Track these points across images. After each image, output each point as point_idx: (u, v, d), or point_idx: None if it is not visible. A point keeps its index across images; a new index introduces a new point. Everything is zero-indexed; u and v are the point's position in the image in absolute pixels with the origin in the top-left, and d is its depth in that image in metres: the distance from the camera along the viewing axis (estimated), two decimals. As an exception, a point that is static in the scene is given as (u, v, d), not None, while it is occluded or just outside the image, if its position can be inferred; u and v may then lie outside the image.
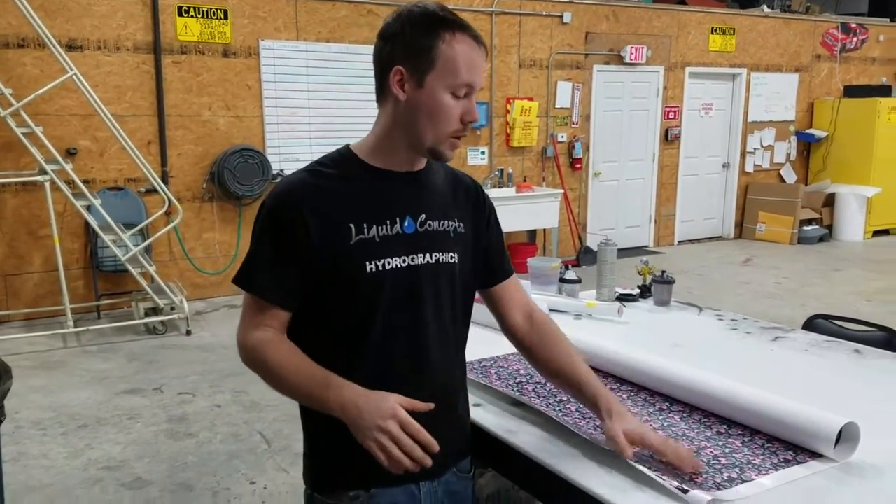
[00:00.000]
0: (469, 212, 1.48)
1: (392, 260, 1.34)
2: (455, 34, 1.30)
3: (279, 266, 1.33)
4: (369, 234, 1.33)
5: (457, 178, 1.52)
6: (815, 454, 1.40)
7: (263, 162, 6.51)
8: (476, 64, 1.32)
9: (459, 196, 1.48)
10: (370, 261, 1.32)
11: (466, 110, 1.32)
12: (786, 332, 2.26)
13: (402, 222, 1.36)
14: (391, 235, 1.34)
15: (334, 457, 1.39)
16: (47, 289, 5.96)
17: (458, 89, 1.30)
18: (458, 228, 1.43)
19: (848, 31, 10.09)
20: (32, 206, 5.85)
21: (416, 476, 1.36)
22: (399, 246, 1.35)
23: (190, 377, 4.67)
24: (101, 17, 5.98)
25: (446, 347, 1.43)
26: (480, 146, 7.86)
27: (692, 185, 9.45)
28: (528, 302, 1.58)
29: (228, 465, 3.51)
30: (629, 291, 2.69)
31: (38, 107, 5.56)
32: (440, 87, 1.30)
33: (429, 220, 1.39)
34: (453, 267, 1.42)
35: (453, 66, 1.29)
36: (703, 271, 7.82)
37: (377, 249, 1.33)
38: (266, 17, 6.58)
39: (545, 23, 8.01)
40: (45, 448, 3.69)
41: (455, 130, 1.33)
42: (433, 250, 1.38)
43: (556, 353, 1.49)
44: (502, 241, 1.59)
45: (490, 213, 1.54)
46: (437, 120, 1.31)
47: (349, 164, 1.38)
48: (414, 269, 1.36)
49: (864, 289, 7.01)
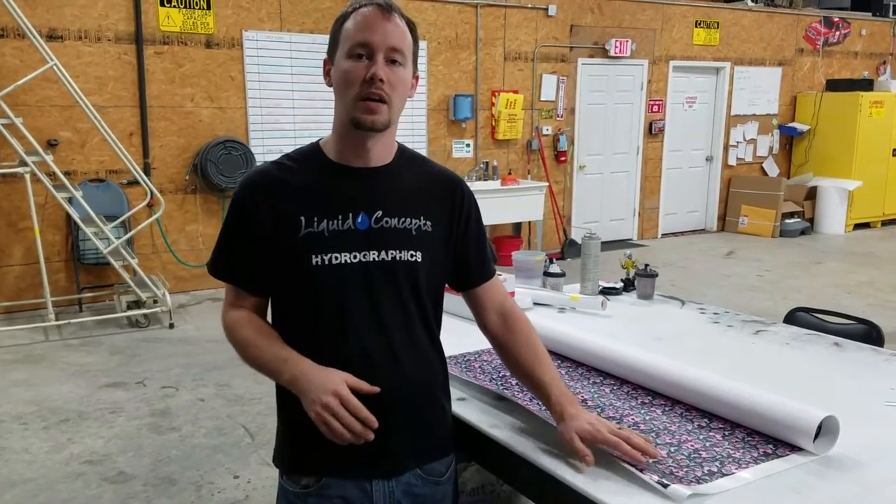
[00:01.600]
0: (443, 211, 1.46)
1: (341, 255, 1.35)
2: (357, 10, 1.35)
3: (236, 252, 1.40)
4: (318, 227, 1.35)
5: (437, 175, 1.50)
6: (796, 448, 1.41)
7: (247, 154, 6.47)
8: (370, 23, 1.32)
9: (433, 194, 1.46)
10: (317, 254, 1.34)
11: (367, 69, 1.31)
12: (767, 326, 2.28)
13: (355, 218, 1.36)
14: (341, 230, 1.35)
15: (295, 442, 1.43)
16: (28, 282, 5.90)
17: (354, 50, 1.32)
18: (422, 227, 1.41)
19: (831, 25, 10.16)
20: (13, 198, 5.78)
21: (369, 473, 1.39)
22: (350, 242, 1.35)
23: (173, 370, 4.65)
24: (82, 7, 5.91)
25: (407, 347, 1.40)
26: (465, 139, 7.85)
27: (676, 178, 9.49)
28: (505, 301, 1.57)
29: (212, 458, 3.50)
30: (613, 285, 2.70)
31: (18, 98, 5.49)
32: (341, 58, 1.35)
33: (385, 217, 1.38)
34: (414, 265, 1.39)
35: (347, 34, 1.34)
36: (686, 264, 7.87)
37: (326, 244, 1.34)
38: (249, 8, 6.53)
39: (530, 15, 8.00)
40: (26, 442, 3.67)
41: (359, 92, 1.31)
42: (389, 247, 1.37)
43: (524, 354, 1.49)
44: (483, 243, 1.56)
45: (469, 213, 1.51)
46: (343, 87, 1.34)
47: (313, 158, 1.42)
48: (365, 265, 1.36)
49: (844, 281, 7.08)
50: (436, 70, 7.53)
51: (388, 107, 1.33)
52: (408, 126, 7.41)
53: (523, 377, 1.51)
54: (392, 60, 1.33)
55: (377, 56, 1.31)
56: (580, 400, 1.65)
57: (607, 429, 1.35)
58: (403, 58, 1.34)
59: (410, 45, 1.37)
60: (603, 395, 1.69)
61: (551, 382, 1.44)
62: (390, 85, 1.32)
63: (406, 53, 1.35)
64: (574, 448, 1.33)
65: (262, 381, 4.40)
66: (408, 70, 1.37)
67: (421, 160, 1.52)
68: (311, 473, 1.41)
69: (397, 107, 1.36)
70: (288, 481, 1.44)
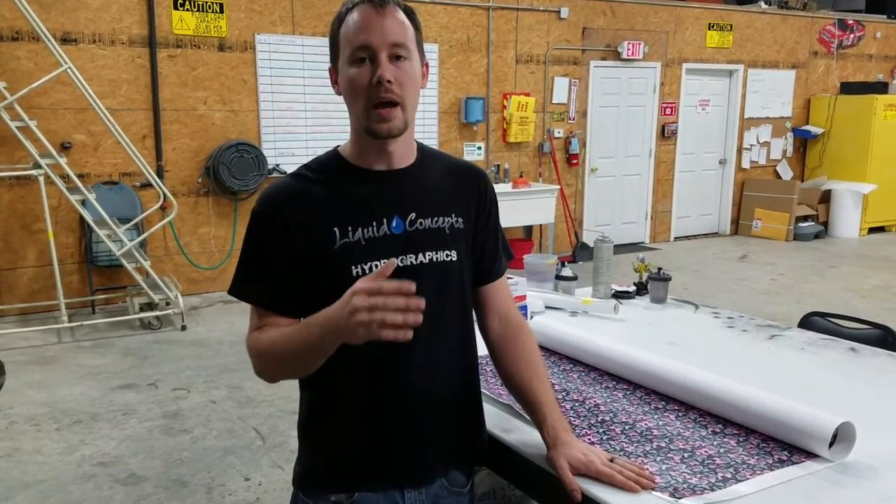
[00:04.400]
0: (470, 205, 1.43)
1: (380, 262, 1.29)
2: (351, 11, 1.28)
3: (266, 272, 1.32)
4: (354, 237, 1.29)
5: (460, 169, 1.46)
6: (811, 454, 1.39)
7: (259, 157, 6.48)
8: (366, 22, 1.25)
9: (461, 189, 1.43)
10: (356, 264, 1.28)
11: (372, 72, 1.25)
12: (782, 330, 2.26)
13: (389, 223, 1.32)
14: (378, 237, 1.31)
15: (322, 458, 1.39)
16: (42, 283, 5.94)
17: (355, 55, 1.26)
18: (455, 224, 1.38)
19: (845, 27, 10.09)
20: (27, 201, 5.82)
21: (401, 482, 1.36)
22: (387, 247, 1.31)
23: (185, 373, 4.66)
24: (96, 11, 5.95)
25: (443, 350, 1.36)
26: (477, 142, 7.84)
27: (689, 181, 9.45)
28: (511, 308, 1.51)
29: (223, 461, 3.50)
30: (625, 288, 2.68)
31: (32, 100, 5.53)
32: (345, 65, 1.28)
33: (420, 219, 1.34)
34: (452, 265, 1.36)
35: (346, 39, 1.27)
36: (700, 267, 7.83)
37: (363, 252, 1.29)
38: (262, 11, 6.55)
39: (542, 18, 7.99)
40: (38, 444, 3.68)
41: (369, 99, 1.26)
42: (426, 249, 1.34)
43: (523, 369, 1.43)
44: (500, 239, 1.51)
45: (492, 207, 1.48)
46: (352, 96, 1.28)
47: (334, 166, 1.36)
48: (404, 269, 1.31)
49: (859, 286, 7.02)
50: (447, 73, 7.53)
51: (402, 108, 1.28)
52: (419, 128, 7.40)
53: (518, 392, 1.44)
54: (397, 56, 1.26)
55: (380, 56, 1.25)
56: (593, 404, 1.64)
57: (601, 460, 1.31)
58: (408, 51, 1.28)
59: (413, 35, 1.30)
60: (616, 400, 1.67)
61: (549, 405, 1.38)
62: (399, 84, 1.26)
63: (409, 46, 1.28)
64: (563, 480, 1.29)
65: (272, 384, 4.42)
66: (414, 62, 1.29)
67: (442, 156, 1.48)
68: (343, 490, 1.36)
69: (411, 104, 1.30)
70: (310, 497, 1.39)
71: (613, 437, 1.49)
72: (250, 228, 1.34)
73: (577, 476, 1.30)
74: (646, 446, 1.44)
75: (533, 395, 1.40)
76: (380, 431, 1.35)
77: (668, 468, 1.35)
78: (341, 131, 6.96)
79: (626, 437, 1.48)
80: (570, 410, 1.61)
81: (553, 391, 1.44)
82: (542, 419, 1.37)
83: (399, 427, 1.35)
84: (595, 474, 1.29)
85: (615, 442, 1.47)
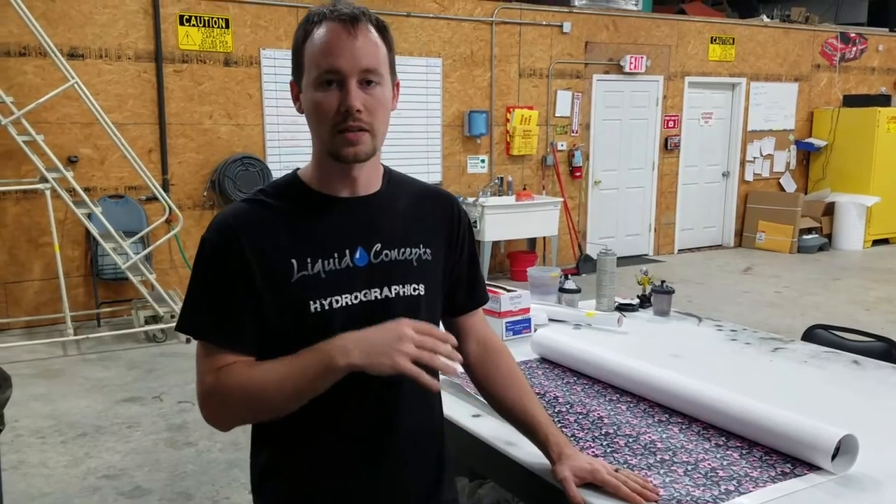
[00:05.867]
0: (441, 235, 1.35)
1: (342, 297, 1.20)
2: (318, 25, 1.18)
3: (222, 305, 1.19)
4: (314, 269, 1.20)
5: (428, 196, 1.37)
6: (814, 467, 1.40)
7: (264, 170, 6.52)
8: (337, 45, 1.15)
9: (430, 218, 1.34)
10: (314, 300, 1.19)
11: (340, 99, 1.16)
12: (785, 343, 2.26)
13: (352, 254, 1.22)
14: (340, 269, 1.21)
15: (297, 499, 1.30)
16: (47, 296, 5.96)
17: (321, 78, 1.16)
18: (423, 255, 1.30)
19: (847, 40, 10.12)
20: (33, 214, 5.86)
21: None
22: (350, 281, 1.21)
23: (190, 385, 4.67)
24: (103, 26, 6.00)
25: (412, 389, 1.20)
26: (480, 155, 7.87)
27: (692, 193, 9.46)
28: (487, 330, 1.47)
29: (228, 474, 3.51)
30: (629, 301, 2.69)
31: (39, 115, 5.57)
32: (309, 86, 1.19)
33: (385, 250, 1.25)
34: (418, 300, 1.27)
35: (312, 59, 1.17)
36: (703, 280, 7.82)
37: (323, 286, 1.20)
38: (267, 27, 6.61)
39: (545, 32, 8.04)
40: (44, 456, 3.69)
41: (335, 125, 1.17)
42: (392, 283, 1.25)
43: (511, 391, 1.40)
44: (476, 268, 1.44)
45: (465, 234, 1.39)
46: (317, 120, 1.19)
47: (294, 191, 1.26)
48: (367, 305, 1.22)
49: (863, 298, 7.01)
50: (451, 87, 7.57)
51: (371, 134, 1.19)
52: (423, 142, 7.45)
53: (510, 414, 1.40)
54: (367, 81, 1.17)
55: (349, 83, 1.16)
56: (597, 416, 1.65)
57: (606, 470, 1.31)
58: (379, 76, 1.19)
59: (385, 57, 1.20)
60: (619, 413, 1.68)
61: (546, 422, 1.37)
62: (369, 111, 1.17)
63: (381, 70, 1.19)
64: (568, 493, 1.28)
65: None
66: (386, 87, 1.21)
67: (409, 181, 1.37)
68: None
69: (381, 131, 1.21)
70: None
71: (617, 450, 1.49)
72: (202, 257, 1.22)
73: (582, 488, 1.30)
74: (649, 459, 1.45)
75: (528, 415, 1.37)
76: (343, 477, 1.27)
77: (671, 481, 1.36)
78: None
79: (629, 450, 1.49)
80: (573, 423, 1.62)
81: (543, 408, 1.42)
82: (544, 439, 1.36)
83: (363, 472, 1.27)
84: (601, 483, 1.30)
85: (619, 454, 1.47)
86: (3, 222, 5.82)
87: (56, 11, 5.81)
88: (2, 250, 5.84)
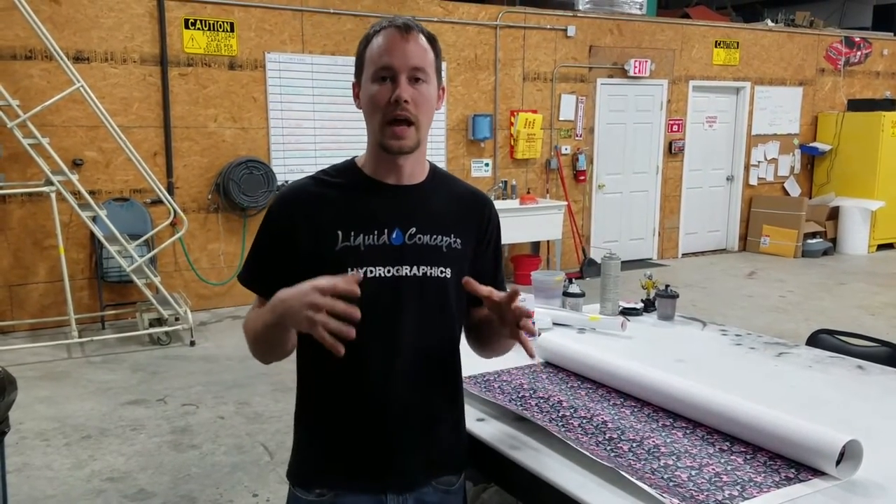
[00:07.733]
0: (471, 229, 1.48)
1: (375, 269, 1.37)
2: (378, 33, 1.37)
3: (267, 261, 1.41)
4: (355, 241, 1.37)
5: (466, 193, 1.52)
6: (818, 472, 1.40)
7: (268, 173, 6.53)
8: (392, 46, 1.34)
9: (464, 214, 1.49)
10: (352, 267, 1.35)
11: (391, 91, 1.34)
12: (789, 348, 2.26)
13: (389, 233, 1.39)
14: (377, 245, 1.38)
15: (312, 453, 1.46)
16: (52, 299, 5.98)
17: (377, 74, 1.35)
18: (453, 244, 1.44)
19: (852, 45, 10.11)
20: (38, 217, 5.88)
21: (382, 488, 1.41)
22: (384, 256, 1.38)
23: (194, 388, 4.68)
24: (109, 30, 6.02)
25: (428, 360, 1.42)
26: (484, 158, 7.87)
27: (696, 197, 9.45)
28: None
29: (231, 476, 3.51)
30: (633, 305, 2.69)
31: (44, 118, 5.59)
32: (367, 81, 1.38)
33: (419, 234, 1.41)
34: (444, 282, 1.42)
35: (371, 59, 1.37)
36: (707, 284, 7.81)
37: (361, 257, 1.37)
38: (272, 30, 6.62)
39: (549, 36, 8.04)
40: (48, 459, 3.70)
41: (385, 115, 1.35)
42: (421, 263, 1.40)
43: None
44: (499, 266, 1.57)
45: (493, 236, 1.53)
46: (371, 111, 1.37)
47: (349, 174, 1.45)
48: (397, 279, 1.38)
49: (868, 303, 6.99)
50: (455, 90, 7.58)
51: (416, 127, 1.36)
52: (428, 145, 7.44)
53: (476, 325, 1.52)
54: (416, 79, 1.35)
55: (400, 78, 1.34)
56: (601, 421, 1.65)
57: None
58: (426, 75, 1.37)
59: (433, 61, 1.39)
60: (623, 417, 1.68)
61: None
62: (415, 104, 1.34)
63: (429, 70, 1.37)
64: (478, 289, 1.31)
65: (280, 399, 4.43)
66: (432, 85, 1.39)
67: (452, 180, 1.55)
68: (326, 486, 1.43)
69: (425, 125, 1.39)
70: (301, 489, 1.46)
71: (621, 455, 1.49)
72: (263, 222, 1.44)
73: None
74: (653, 463, 1.45)
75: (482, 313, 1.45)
76: (361, 436, 1.40)
77: (675, 485, 1.36)
78: (350, 148, 7.03)
79: (633, 455, 1.49)
80: (577, 427, 1.62)
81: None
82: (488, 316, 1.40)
83: (381, 435, 1.40)
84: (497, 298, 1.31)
85: (623, 459, 1.47)
86: (8, 225, 5.84)
87: (62, 15, 5.83)
88: (7, 253, 5.86)
